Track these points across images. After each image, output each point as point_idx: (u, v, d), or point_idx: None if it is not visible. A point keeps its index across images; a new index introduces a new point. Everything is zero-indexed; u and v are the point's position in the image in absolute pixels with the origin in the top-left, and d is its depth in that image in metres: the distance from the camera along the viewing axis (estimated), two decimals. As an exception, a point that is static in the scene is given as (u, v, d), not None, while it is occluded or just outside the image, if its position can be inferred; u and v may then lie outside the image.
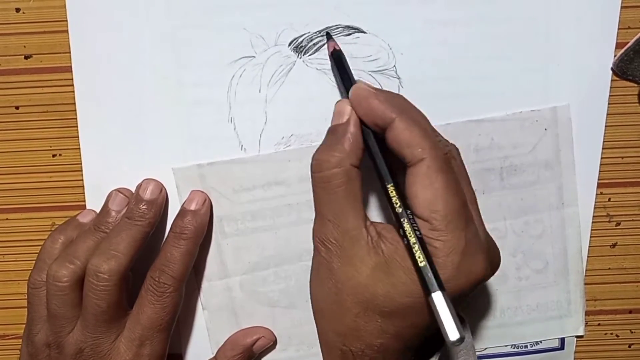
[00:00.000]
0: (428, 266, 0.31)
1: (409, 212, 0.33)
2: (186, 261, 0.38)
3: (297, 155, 0.39)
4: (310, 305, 0.35)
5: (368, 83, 0.36)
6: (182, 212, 0.39)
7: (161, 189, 0.39)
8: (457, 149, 0.36)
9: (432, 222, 0.32)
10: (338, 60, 0.37)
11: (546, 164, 0.40)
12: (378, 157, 0.34)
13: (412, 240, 0.32)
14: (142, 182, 0.39)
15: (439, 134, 0.35)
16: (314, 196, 0.35)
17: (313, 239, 0.35)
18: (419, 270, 0.31)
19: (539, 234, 0.41)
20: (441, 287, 0.31)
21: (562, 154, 0.40)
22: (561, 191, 0.41)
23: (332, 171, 0.33)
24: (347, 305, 0.34)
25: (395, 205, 0.33)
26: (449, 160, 0.34)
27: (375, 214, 0.40)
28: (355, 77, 0.39)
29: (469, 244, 0.32)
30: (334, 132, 0.35)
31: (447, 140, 0.36)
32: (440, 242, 0.32)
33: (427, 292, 0.31)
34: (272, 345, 0.42)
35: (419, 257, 0.31)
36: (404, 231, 0.32)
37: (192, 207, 0.39)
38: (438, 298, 0.31)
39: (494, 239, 0.35)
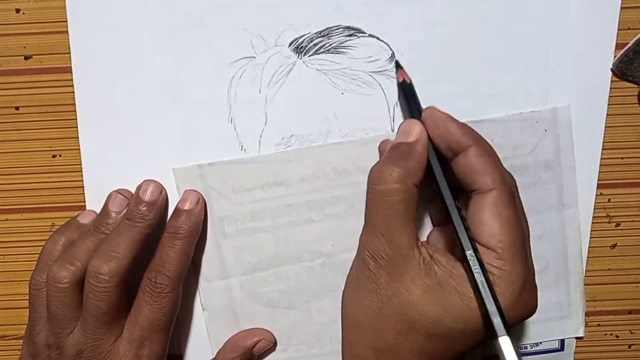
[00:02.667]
0: (496, 309, 0.32)
1: (474, 246, 0.33)
2: (182, 261, 0.38)
3: (297, 156, 0.39)
4: (311, 305, 0.35)
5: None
6: (176, 212, 0.39)
7: (161, 190, 0.39)
8: (516, 184, 0.37)
9: (497, 251, 0.32)
10: (408, 91, 0.38)
11: (546, 165, 0.40)
12: (444, 184, 0.35)
13: (481, 279, 0.32)
14: (142, 183, 0.39)
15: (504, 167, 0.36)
16: (367, 207, 0.35)
17: (360, 249, 0.35)
18: (485, 310, 0.32)
19: (539, 235, 0.41)
20: (509, 332, 0.31)
21: (562, 155, 0.40)
22: (561, 192, 0.41)
23: (392, 186, 0.34)
24: (390, 322, 0.34)
25: (466, 235, 0.33)
26: (515, 194, 0.35)
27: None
28: (356, 78, 0.39)
29: (528, 277, 0.33)
30: (398, 149, 0.35)
31: (510, 173, 0.36)
32: (504, 271, 0.32)
33: (493, 335, 0.31)
34: (272, 346, 0.42)
35: (487, 300, 0.32)
36: (471, 267, 0.32)
37: (186, 206, 0.39)
38: (506, 343, 0.31)
39: None
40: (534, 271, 0.35)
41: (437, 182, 0.35)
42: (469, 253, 0.33)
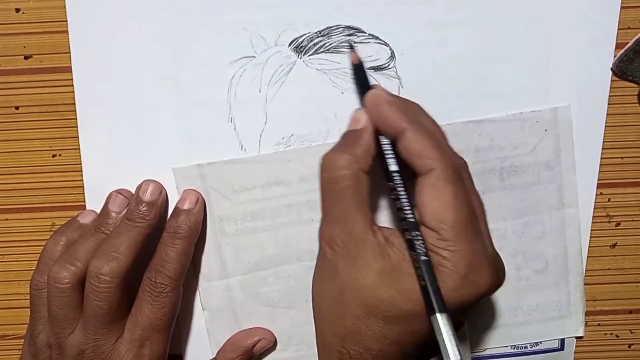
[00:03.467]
0: (431, 286, 0.31)
1: (415, 223, 0.33)
2: (182, 260, 0.38)
3: (297, 155, 0.39)
4: (311, 304, 0.35)
5: (385, 89, 0.36)
6: (176, 212, 0.39)
7: (161, 190, 0.39)
8: (466, 164, 0.36)
9: (440, 232, 0.32)
10: (359, 71, 0.38)
11: (546, 164, 0.40)
12: (389, 166, 0.34)
13: (418, 254, 0.32)
14: (142, 183, 0.39)
15: (450, 147, 0.35)
16: (321, 197, 0.35)
17: (319, 239, 0.35)
18: (423, 287, 0.32)
19: (539, 234, 0.41)
20: (443, 309, 0.31)
21: (563, 155, 0.40)
22: (561, 192, 0.41)
23: (340, 173, 0.33)
24: (350, 308, 0.34)
25: (402, 215, 0.33)
26: (459, 171, 0.34)
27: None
28: (351, 80, 0.39)
29: (476, 255, 0.32)
30: (347, 136, 0.35)
31: (457, 154, 0.36)
32: (448, 252, 0.32)
33: (430, 312, 0.31)
34: (272, 346, 0.42)
35: (423, 276, 0.32)
36: (410, 244, 0.32)
37: (186, 206, 0.39)
38: (441, 320, 0.31)
39: (493, 239, 0.35)
40: (489, 248, 0.34)
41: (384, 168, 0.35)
42: (406, 230, 0.33)
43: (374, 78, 0.39)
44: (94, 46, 0.39)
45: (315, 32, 0.39)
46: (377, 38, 0.39)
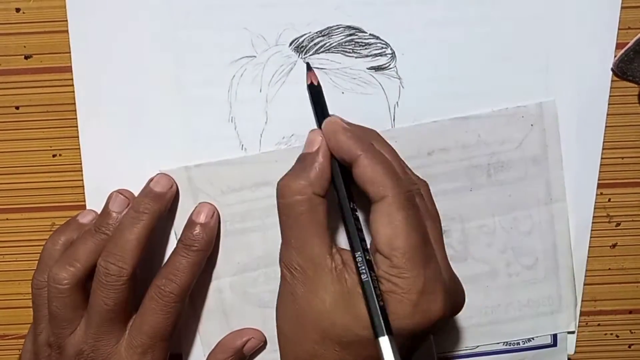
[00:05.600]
0: (378, 309, 0.32)
1: (363, 248, 0.33)
2: (193, 271, 0.38)
3: (285, 156, 0.39)
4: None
5: (341, 117, 0.36)
6: (191, 224, 0.39)
7: (172, 184, 0.39)
8: (427, 186, 0.36)
9: (392, 259, 0.32)
10: (315, 94, 0.37)
11: (533, 159, 0.40)
12: (341, 191, 0.35)
13: (364, 278, 0.32)
14: (155, 175, 0.39)
15: (409, 171, 0.36)
16: (279, 222, 0.35)
17: (279, 263, 0.35)
18: (369, 310, 0.32)
19: (528, 229, 0.41)
20: (389, 331, 0.31)
21: (549, 150, 0.40)
22: (549, 186, 0.40)
23: (294, 198, 0.34)
24: (307, 332, 0.34)
25: (351, 241, 0.33)
26: (413, 197, 0.34)
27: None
28: (357, 78, 0.39)
29: (428, 282, 0.33)
30: (302, 160, 0.35)
31: (417, 177, 0.36)
32: (400, 279, 0.32)
33: (375, 335, 0.31)
34: (263, 345, 0.42)
35: (370, 298, 0.32)
36: (357, 268, 0.33)
37: (201, 219, 0.39)
38: (384, 343, 0.31)
39: (483, 235, 0.35)
40: (445, 273, 0.34)
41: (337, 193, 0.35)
42: (355, 255, 0.33)
43: (374, 78, 0.39)
44: (94, 46, 0.39)
45: (316, 32, 0.39)
46: (377, 38, 0.39)
